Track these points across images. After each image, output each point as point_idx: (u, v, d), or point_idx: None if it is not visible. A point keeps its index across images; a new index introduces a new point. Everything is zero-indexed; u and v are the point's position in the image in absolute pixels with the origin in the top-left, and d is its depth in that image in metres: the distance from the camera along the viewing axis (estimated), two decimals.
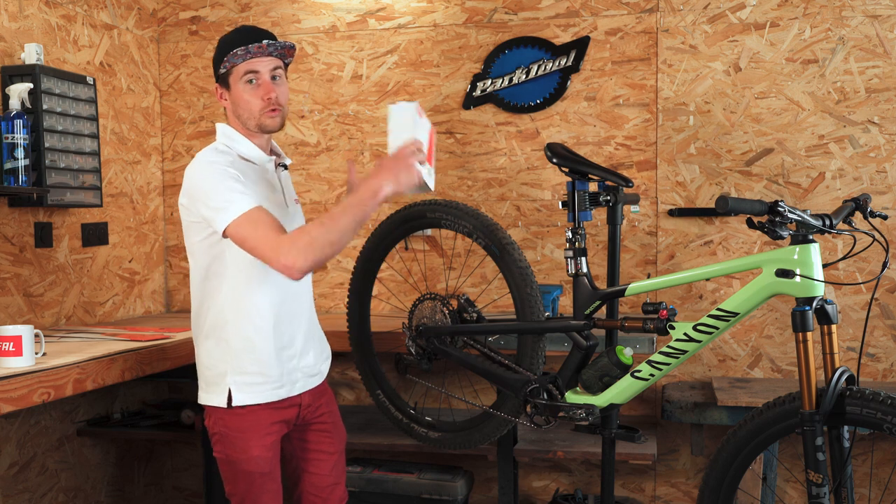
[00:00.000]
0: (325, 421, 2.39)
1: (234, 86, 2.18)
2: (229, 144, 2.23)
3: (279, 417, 2.25)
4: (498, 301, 3.43)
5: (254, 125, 2.20)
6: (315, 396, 2.36)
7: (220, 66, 2.18)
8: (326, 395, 2.42)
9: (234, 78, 2.17)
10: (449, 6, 3.55)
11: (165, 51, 3.84)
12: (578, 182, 2.48)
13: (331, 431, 2.40)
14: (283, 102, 2.20)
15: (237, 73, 2.16)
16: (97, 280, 3.42)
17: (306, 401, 2.32)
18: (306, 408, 2.33)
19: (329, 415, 2.41)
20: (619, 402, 2.39)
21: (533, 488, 3.59)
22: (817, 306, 2.07)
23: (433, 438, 2.89)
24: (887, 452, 3.25)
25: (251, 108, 2.17)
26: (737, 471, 2.23)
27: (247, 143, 2.23)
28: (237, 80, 2.17)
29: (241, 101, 2.18)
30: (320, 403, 2.38)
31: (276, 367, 2.22)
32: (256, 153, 2.23)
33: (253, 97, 2.16)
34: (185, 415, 3.47)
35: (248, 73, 2.15)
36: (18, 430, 3.10)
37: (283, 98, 2.20)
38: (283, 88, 2.21)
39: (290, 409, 2.29)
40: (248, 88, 2.17)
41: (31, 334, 2.22)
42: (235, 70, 2.16)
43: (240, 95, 2.17)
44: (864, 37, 3.20)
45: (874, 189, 3.22)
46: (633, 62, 3.40)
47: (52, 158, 2.98)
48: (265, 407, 2.22)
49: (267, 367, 2.21)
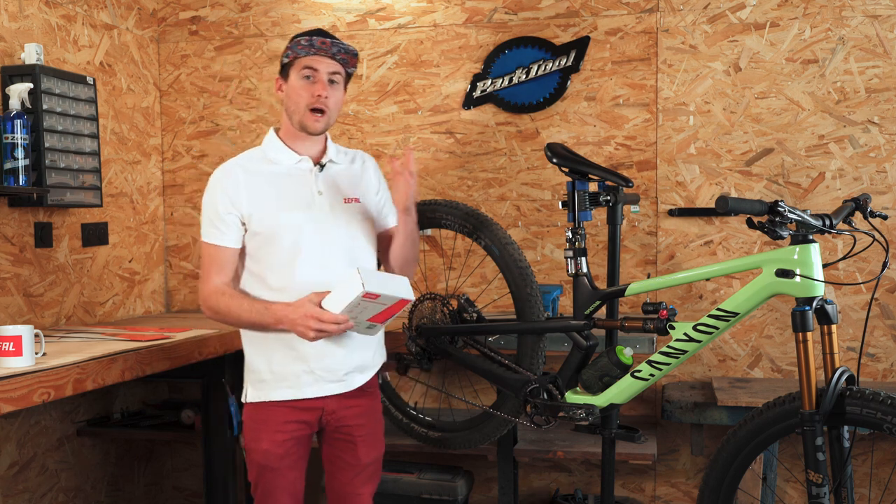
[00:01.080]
0: (349, 433, 2.33)
1: (292, 76, 2.24)
2: (263, 146, 2.33)
3: (295, 417, 2.27)
4: (498, 301, 3.43)
5: (297, 121, 2.25)
6: (341, 405, 2.30)
7: (284, 56, 2.25)
8: (359, 408, 2.34)
9: (294, 69, 2.23)
10: (449, 6, 3.55)
11: (165, 51, 3.84)
12: (578, 182, 2.48)
13: (355, 444, 2.33)
14: (331, 106, 2.24)
15: (298, 65, 2.22)
16: (97, 280, 3.42)
17: (330, 406, 2.29)
18: (330, 414, 2.29)
19: (358, 428, 2.33)
20: (619, 402, 2.39)
21: (533, 488, 3.59)
22: (817, 306, 2.07)
23: (433, 438, 2.89)
24: (887, 452, 3.25)
25: (299, 101, 2.23)
26: (737, 471, 2.23)
27: (277, 147, 2.30)
28: (296, 72, 2.23)
29: (293, 93, 2.23)
30: (347, 414, 2.31)
31: (283, 367, 2.25)
32: (284, 156, 2.29)
33: (305, 91, 2.22)
34: (185, 415, 3.47)
35: (307, 67, 2.21)
36: (18, 430, 3.10)
37: (332, 102, 2.24)
38: (337, 94, 2.25)
39: (310, 411, 2.28)
40: (303, 83, 2.22)
41: (31, 334, 2.22)
42: (297, 62, 2.22)
43: (294, 88, 2.23)
44: (864, 37, 3.20)
45: (874, 189, 3.22)
46: (633, 62, 3.40)
47: (52, 158, 2.98)
48: (277, 405, 2.26)
49: (274, 366, 2.26)
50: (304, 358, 2.23)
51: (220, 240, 2.25)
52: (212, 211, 2.25)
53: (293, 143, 2.30)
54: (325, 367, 2.26)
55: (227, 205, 2.23)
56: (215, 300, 2.23)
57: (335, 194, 2.31)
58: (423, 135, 3.60)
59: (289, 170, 2.29)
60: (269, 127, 3.73)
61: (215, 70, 3.78)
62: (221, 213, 2.23)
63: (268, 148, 2.32)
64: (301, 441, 2.30)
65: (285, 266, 2.22)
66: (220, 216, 2.24)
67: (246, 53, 3.75)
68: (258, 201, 2.23)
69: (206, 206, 2.27)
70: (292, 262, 2.21)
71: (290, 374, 2.25)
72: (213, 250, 2.25)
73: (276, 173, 2.27)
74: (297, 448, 2.30)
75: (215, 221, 2.24)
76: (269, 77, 3.72)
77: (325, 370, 2.26)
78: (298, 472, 2.32)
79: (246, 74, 3.76)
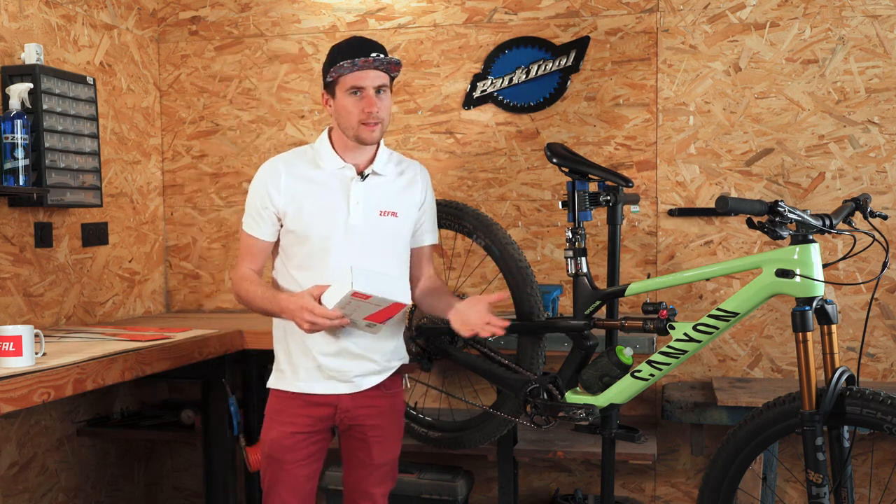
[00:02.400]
0: (363, 433, 2.35)
1: (339, 95, 2.25)
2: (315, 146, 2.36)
3: (308, 412, 2.30)
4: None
5: (352, 135, 2.26)
6: (356, 404, 2.32)
7: (328, 75, 2.25)
8: (374, 409, 2.35)
9: (340, 88, 2.24)
10: (449, 6, 3.55)
11: (165, 51, 3.84)
12: (578, 182, 2.48)
13: (368, 444, 2.35)
14: (383, 117, 2.26)
15: (343, 83, 2.23)
16: (97, 280, 3.42)
17: (344, 405, 2.31)
18: (344, 412, 2.32)
19: (372, 429, 2.35)
20: (619, 402, 2.39)
21: (533, 488, 3.59)
22: (817, 306, 2.07)
23: (433, 438, 2.89)
24: (887, 452, 3.25)
25: (351, 119, 2.24)
26: (737, 471, 2.23)
27: (326, 150, 2.32)
28: (342, 91, 2.23)
29: (343, 112, 2.24)
30: (361, 413, 2.33)
31: (298, 360, 2.31)
32: (329, 161, 2.31)
33: (354, 108, 2.23)
34: (185, 415, 3.47)
35: (353, 87, 2.22)
36: (18, 430, 3.10)
37: (384, 113, 2.26)
38: (385, 103, 2.26)
39: (323, 407, 2.31)
40: (352, 101, 2.23)
41: (31, 334, 2.22)
42: (342, 80, 2.23)
43: (342, 105, 2.24)
44: (864, 37, 3.20)
45: (874, 189, 3.22)
46: (633, 62, 3.40)
47: (52, 158, 2.98)
48: (291, 395, 2.32)
49: (292, 358, 2.32)
50: (315, 355, 2.28)
51: (256, 231, 2.32)
52: (252, 202, 2.33)
53: (342, 149, 2.31)
54: (335, 367, 2.29)
55: (266, 199, 2.29)
56: (239, 284, 2.32)
57: (372, 206, 2.31)
58: (423, 135, 3.60)
59: (331, 175, 2.30)
60: (269, 127, 3.75)
61: (215, 70, 3.78)
62: (258, 207, 2.30)
63: (317, 149, 2.34)
64: (312, 438, 2.32)
65: (312, 269, 2.26)
66: (257, 209, 2.31)
67: (246, 53, 3.75)
68: (294, 201, 2.27)
69: (249, 196, 2.35)
70: (319, 266, 2.25)
71: (303, 368, 2.30)
72: (248, 239, 2.34)
73: (317, 177, 2.30)
74: (307, 445, 2.31)
75: (252, 213, 2.32)
76: (269, 77, 3.72)
77: (334, 370, 2.29)
78: (306, 471, 2.33)
79: (246, 74, 3.76)
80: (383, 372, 2.36)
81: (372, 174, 2.31)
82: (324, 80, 2.29)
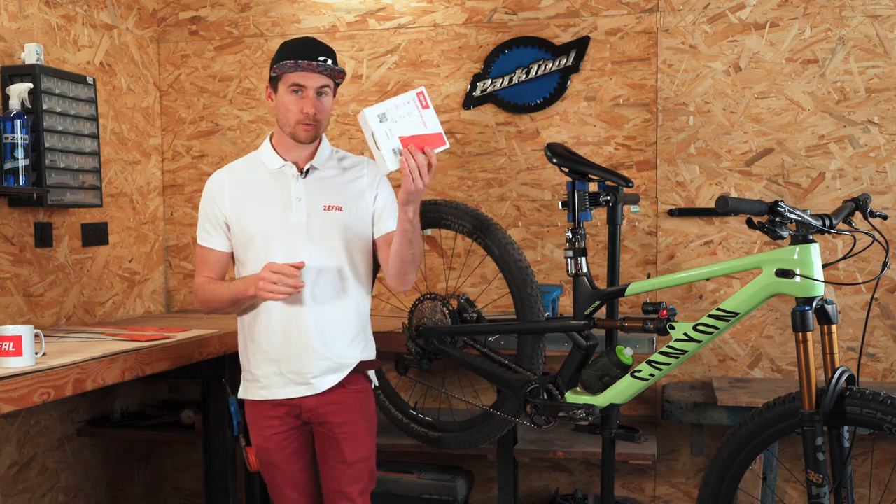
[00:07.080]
0: (331, 430, 2.35)
1: (281, 91, 2.30)
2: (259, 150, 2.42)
3: (275, 413, 2.36)
4: (498, 301, 3.43)
5: (289, 132, 2.32)
6: (320, 402, 2.33)
7: (272, 70, 2.30)
8: (339, 406, 2.35)
9: (283, 84, 2.29)
10: (449, 6, 3.55)
11: (165, 51, 3.84)
12: (578, 182, 2.48)
13: (338, 441, 2.35)
14: (321, 119, 2.31)
15: (286, 80, 2.27)
16: (97, 280, 3.42)
17: (307, 404, 2.34)
18: (308, 411, 2.35)
19: (339, 425, 2.34)
20: (619, 402, 2.39)
21: (533, 488, 3.59)
22: (817, 306, 2.07)
23: (433, 438, 2.89)
24: (887, 452, 3.25)
25: (289, 117, 2.29)
26: (737, 471, 2.23)
27: (267, 151, 2.38)
28: (284, 87, 2.29)
29: (283, 108, 2.30)
30: (327, 411, 2.34)
31: (257, 368, 2.36)
32: (270, 161, 2.37)
33: (294, 106, 2.28)
34: (185, 415, 3.47)
35: (294, 84, 2.27)
36: (18, 430, 3.10)
37: (321, 114, 2.30)
38: (325, 105, 2.31)
39: (287, 407, 2.35)
40: (292, 99, 2.28)
41: (31, 334, 2.22)
42: (285, 77, 2.28)
43: (283, 102, 2.30)
44: (864, 37, 3.20)
45: (874, 189, 3.22)
46: (633, 62, 3.40)
47: (52, 158, 2.98)
48: (257, 403, 2.38)
49: (252, 367, 2.39)
50: (273, 360, 2.33)
51: (208, 241, 2.40)
52: (202, 214, 2.41)
53: (282, 148, 2.36)
54: (293, 370, 2.31)
55: (214, 207, 2.37)
56: (202, 289, 2.39)
57: (315, 201, 2.33)
58: None
59: (272, 175, 2.36)
60: (269, 127, 3.74)
61: (215, 70, 3.78)
62: (209, 216, 2.39)
63: (260, 151, 2.40)
64: (292, 436, 2.37)
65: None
66: (207, 218, 2.39)
67: (246, 53, 3.75)
68: (238, 205, 2.34)
69: (200, 209, 2.43)
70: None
71: (263, 375, 2.35)
72: (202, 251, 2.42)
73: (260, 178, 2.36)
74: (290, 443, 2.37)
75: (204, 224, 2.40)
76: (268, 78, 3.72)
77: (292, 373, 2.32)
78: (297, 465, 2.39)
79: (246, 74, 3.76)
80: (340, 370, 2.34)
81: (312, 169, 2.35)
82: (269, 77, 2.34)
